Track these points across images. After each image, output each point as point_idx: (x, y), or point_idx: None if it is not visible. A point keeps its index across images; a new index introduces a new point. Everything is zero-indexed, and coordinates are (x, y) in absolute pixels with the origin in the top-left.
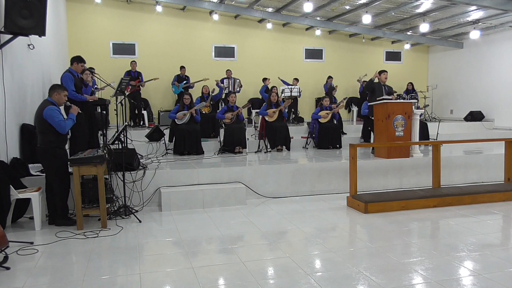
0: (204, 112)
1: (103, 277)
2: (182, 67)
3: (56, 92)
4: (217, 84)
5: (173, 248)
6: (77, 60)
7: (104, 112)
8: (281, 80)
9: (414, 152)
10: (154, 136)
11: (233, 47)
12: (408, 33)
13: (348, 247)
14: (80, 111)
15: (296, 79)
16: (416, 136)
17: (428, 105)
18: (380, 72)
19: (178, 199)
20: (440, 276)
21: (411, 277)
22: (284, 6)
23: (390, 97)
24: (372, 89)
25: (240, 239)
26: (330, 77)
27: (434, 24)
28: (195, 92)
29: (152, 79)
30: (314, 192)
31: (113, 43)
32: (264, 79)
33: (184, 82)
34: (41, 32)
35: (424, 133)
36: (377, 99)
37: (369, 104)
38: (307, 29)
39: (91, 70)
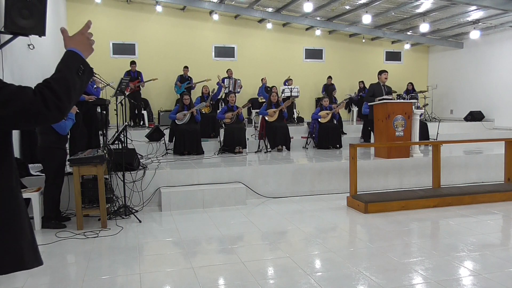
0: (204, 112)
1: (103, 277)
2: (185, 67)
3: None
4: (217, 83)
5: (173, 248)
6: None
7: (104, 112)
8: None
9: (414, 152)
10: (154, 136)
11: (233, 47)
12: (408, 33)
13: (348, 247)
14: (77, 111)
15: (291, 80)
16: (416, 136)
17: (427, 104)
18: (380, 72)
19: (178, 199)
20: (440, 276)
21: (411, 277)
22: (284, 6)
23: (390, 97)
24: (372, 94)
25: (240, 239)
26: (329, 77)
27: (434, 24)
28: (196, 92)
29: (151, 80)
30: (314, 192)
31: (113, 43)
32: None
33: (187, 82)
34: (41, 32)
35: (424, 133)
36: (377, 99)
37: (368, 104)
38: (307, 29)
39: None
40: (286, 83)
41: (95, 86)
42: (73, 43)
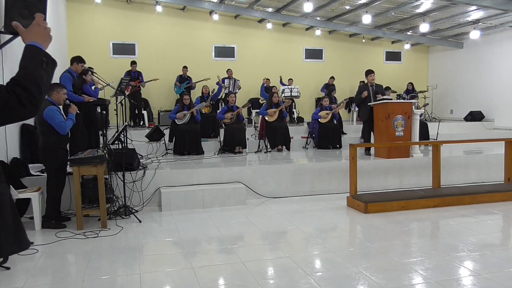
0: (204, 112)
1: (103, 277)
2: (184, 67)
3: (55, 91)
4: (217, 83)
5: (173, 248)
6: (77, 60)
7: (104, 112)
8: (281, 81)
9: (414, 152)
10: (154, 136)
11: (233, 47)
12: (408, 33)
13: (348, 247)
14: (78, 111)
15: (291, 79)
16: (416, 136)
17: (427, 104)
18: (367, 74)
19: (178, 199)
20: (440, 276)
21: (411, 277)
22: (284, 6)
23: (389, 98)
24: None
25: (240, 239)
26: (332, 77)
27: (434, 24)
28: (196, 92)
29: (152, 80)
30: (314, 192)
31: (113, 43)
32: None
33: (186, 82)
34: None
35: (424, 133)
36: (377, 99)
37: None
38: (307, 29)
39: (90, 69)
40: (285, 83)
41: (93, 86)
42: (31, 36)
